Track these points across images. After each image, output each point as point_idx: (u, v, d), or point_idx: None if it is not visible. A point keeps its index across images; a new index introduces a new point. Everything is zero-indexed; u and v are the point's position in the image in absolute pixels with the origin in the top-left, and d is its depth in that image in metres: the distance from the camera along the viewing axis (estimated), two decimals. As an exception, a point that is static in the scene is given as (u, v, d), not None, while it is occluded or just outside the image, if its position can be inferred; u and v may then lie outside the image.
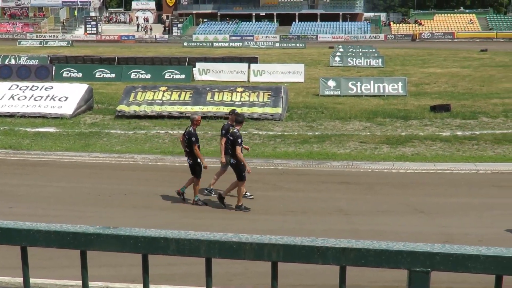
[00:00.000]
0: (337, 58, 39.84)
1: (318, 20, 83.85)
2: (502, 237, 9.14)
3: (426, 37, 75.17)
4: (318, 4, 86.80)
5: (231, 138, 10.53)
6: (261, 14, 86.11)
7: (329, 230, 9.55)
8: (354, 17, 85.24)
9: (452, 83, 28.79)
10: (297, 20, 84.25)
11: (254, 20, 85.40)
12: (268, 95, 19.91)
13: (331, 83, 24.81)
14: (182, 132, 17.85)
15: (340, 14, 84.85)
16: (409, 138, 16.44)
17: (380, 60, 38.84)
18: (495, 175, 13.00)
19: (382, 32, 77.78)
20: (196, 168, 10.87)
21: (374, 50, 45.98)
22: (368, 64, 38.47)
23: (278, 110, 19.29)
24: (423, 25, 79.15)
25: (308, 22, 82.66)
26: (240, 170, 10.44)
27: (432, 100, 22.91)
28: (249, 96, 19.92)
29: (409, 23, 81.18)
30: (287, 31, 79.64)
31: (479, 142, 15.93)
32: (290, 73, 30.13)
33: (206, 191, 11.48)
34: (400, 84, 24.68)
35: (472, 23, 78.97)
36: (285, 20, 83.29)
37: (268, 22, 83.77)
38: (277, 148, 15.64)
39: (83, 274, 1.66)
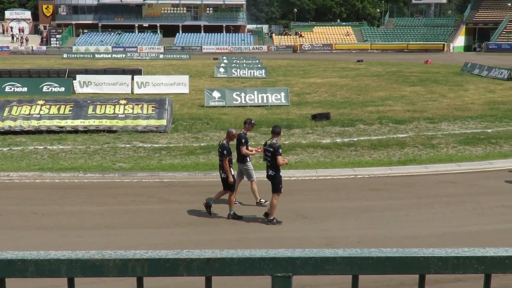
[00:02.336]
0: (221, 69, 40.29)
1: (202, 31, 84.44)
2: (379, 237, 9.65)
3: (306, 49, 78.15)
4: (201, 16, 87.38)
5: (271, 149, 10.37)
6: (144, 25, 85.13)
7: (216, 241, 9.57)
8: (237, 29, 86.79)
9: (332, 92, 30.08)
10: (181, 31, 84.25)
11: (137, 31, 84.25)
12: (153, 107, 19.64)
13: (216, 94, 24.99)
14: (69, 147, 17.25)
15: (224, 25, 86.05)
16: (292, 146, 16.91)
17: (263, 71, 39.75)
18: (371, 179, 13.70)
19: (265, 44, 79.85)
20: (228, 182, 10.72)
21: (257, 61, 47.04)
22: (252, 75, 39.27)
23: (163, 122, 19.09)
24: (303, 37, 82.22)
25: (192, 34, 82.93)
26: (277, 181, 10.36)
27: (313, 109, 23.78)
28: (132, 109, 19.54)
29: (290, 35, 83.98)
30: (171, 42, 79.39)
31: (357, 148, 16.74)
32: (175, 84, 29.99)
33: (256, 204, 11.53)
34: (282, 94, 25.37)
35: (348, 35, 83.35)
36: (169, 31, 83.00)
37: (151, 33, 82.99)
38: (162, 160, 15.44)
39: None
